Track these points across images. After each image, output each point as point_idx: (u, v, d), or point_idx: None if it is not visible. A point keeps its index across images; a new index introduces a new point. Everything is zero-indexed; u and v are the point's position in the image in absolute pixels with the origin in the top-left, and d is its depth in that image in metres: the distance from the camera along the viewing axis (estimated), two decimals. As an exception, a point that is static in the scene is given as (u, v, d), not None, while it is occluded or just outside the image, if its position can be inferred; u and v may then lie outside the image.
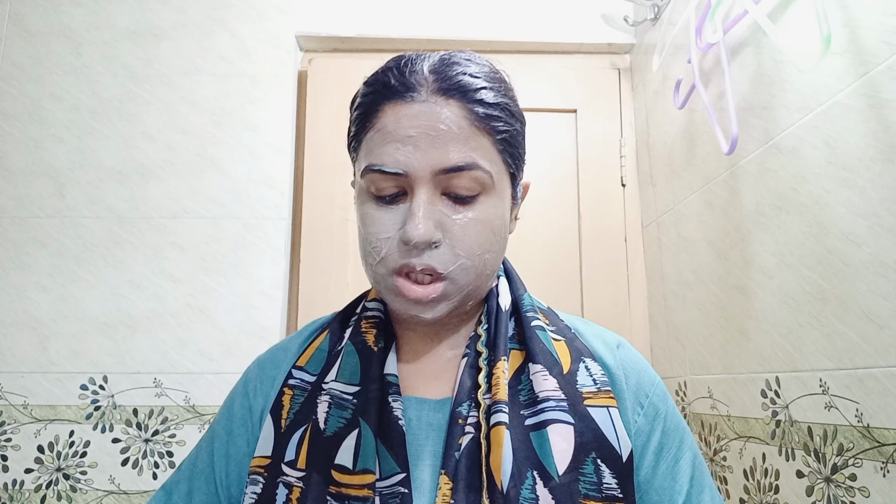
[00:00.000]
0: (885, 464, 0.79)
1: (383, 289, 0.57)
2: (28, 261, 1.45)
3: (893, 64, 0.79)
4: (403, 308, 0.56)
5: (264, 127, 1.54)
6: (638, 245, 1.60)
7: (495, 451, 0.51)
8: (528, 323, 0.61)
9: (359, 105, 0.59)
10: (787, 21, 1.00)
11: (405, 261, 0.54)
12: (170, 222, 1.48)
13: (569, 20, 1.66)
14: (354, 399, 0.56)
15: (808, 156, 0.95)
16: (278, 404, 0.59)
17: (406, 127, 0.54)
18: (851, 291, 0.86)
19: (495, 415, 0.53)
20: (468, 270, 0.56)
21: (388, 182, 0.55)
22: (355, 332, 0.61)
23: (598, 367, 0.60)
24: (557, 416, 0.54)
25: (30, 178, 1.49)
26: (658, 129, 1.52)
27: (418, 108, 0.54)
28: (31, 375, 1.39)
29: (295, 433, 0.56)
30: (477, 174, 0.55)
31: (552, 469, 0.52)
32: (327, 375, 0.59)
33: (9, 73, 1.53)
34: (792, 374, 0.99)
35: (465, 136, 0.54)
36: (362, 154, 0.58)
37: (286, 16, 1.60)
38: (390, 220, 0.55)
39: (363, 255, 0.59)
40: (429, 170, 0.54)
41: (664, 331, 1.47)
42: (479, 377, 0.57)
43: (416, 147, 0.53)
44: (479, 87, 0.56)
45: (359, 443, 0.53)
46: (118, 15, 1.57)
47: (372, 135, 0.56)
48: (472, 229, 0.55)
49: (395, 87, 0.56)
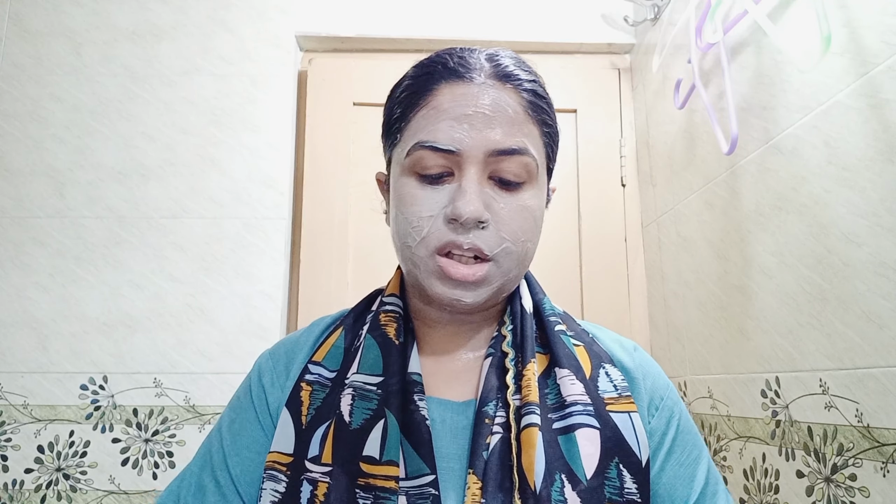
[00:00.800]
0: (885, 464, 0.79)
1: (422, 272, 0.56)
2: (28, 261, 1.45)
3: (893, 64, 0.79)
4: (444, 292, 0.55)
5: (264, 127, 1.54)
6: (638, 245, 1.60)
7: (528, 452, 0.51)
8: (551, 327, 0.61)
9: (408, 86, 0.58)
10: (787, 21, 1.00)
11: (451, 238, 0.53)
12: (170, 222, 1.48)
13: (569, 20, 1.66)
14: (378, 389, 0.55)
15: (808, 156, 0.95)
16: (296, 400, 0.58)
17: (463, 105, 0.54)
18: (851, 291, 0.86)
19: (527, 416, 0.53)
20: (512, 255, 0.55)
21: (437, 160, 0.54)
22: (374, 325, 0.60)
23: (618, 372, 0.60)
24: (585, 420, 0.55)
25: (30, 177, 1.48)
26: (658, 129, 1.52)
27: (476, 89, 0.55)
28: (31, 375, 1.39)
29: (318, 429, 0.55)
30: (527, 160, 0.55)
31: (580, 473, 0.52)
32: (349, 371, 0.57)
33: (9, 73, 1.53)
34: (792, 374, 0.99)
35: (519, 122, 0.56)
36: (409, 133, 0.57)
37: (286, 16, 1.60)
38: (434, 200, 0.54)
39: (400, 237, 0.57)
40: (482, 149, 0.54)
41: (664, 331, 1.47)
42: (506, 378, 0.57)
43: (471, 126, 0.54)
44: (531, 80, 0.59)
45: (385, 433, 0.52)
46: (118, 15, 1.57)
47: (424, 112, 0.56)
48: (518, 215, 0.55)
49: (453, 67, 0.57)
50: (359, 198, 1.56)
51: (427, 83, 0.57)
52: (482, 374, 0.58)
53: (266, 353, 0.66)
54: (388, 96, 0.62)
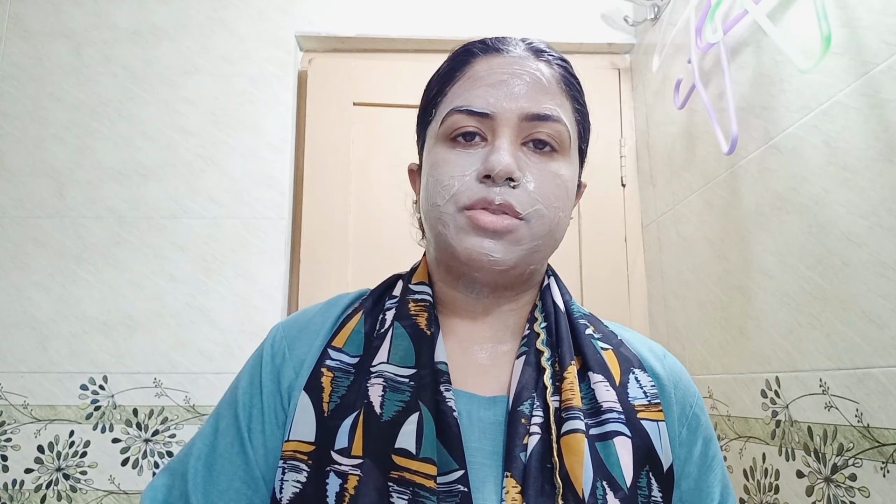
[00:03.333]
0: (884, 464, 0.79)
1: (451, 229, 0.55)
2: (28, 261, 1.45)
3: (893, 64, 0.79)
4: (473, 244, 0.53)
5: (264, 127, 1.54)
6: (638, 245, 1.60)
7: (574, 458, 0.50)
8: (581, 330, 0.60)
9: (445, 66, 0.60)
10: (787, 21, 1.00)
11: (483, 194, 0.53)
12: (170, 222, 1.48)
13: (568, 20, 1.66)
14: (411, 381, 0.53)
15: (808, 156, 0.95)
16: (316, 385, 0.55)
17: (499, 73, 0.56)
18: (851, 291, 0.86)
19: (571, 421, 0.52)
20: (543, 219, 0.55)
21: (471, 123, 0.55)
22: (402, 314, 0.58)
23: (648, 378, 0.59)
24: (620, 428, 0.54)
25: (30, 178, 1.48)
26: (658, 129, 1.52)
27: (513, 59, 0.57)
28: (30, 375, 1.39)
29: (345, 419, 0.52)
30: (560, 128, 0.56)
31: (621, 480, 0.52)
32: (375, 358, 0.55)
33: (9, 73, 1.53)
34: (792, 374, 0.99)
35: (553, 91, 0.57)
36: (444, 105, 0.58)
37: (286, 16, 1.60)
38: (466, 161, 0.55)
39: (429, 200, 0.57)
40: (517, 113, 0.55)
41: (664, 331, 1.47)
42: (544, 377, 0.55)
43: (506, 91, 0.55)
44: (563, 60, 0.62)
45: (420, 428, 0.50)
46: (118, 15, 1.57)
47: (461, 83, 0.57)
48: (551, 179, 0.55)
49: (489, 43, 0.59)
50: (358, 198, 1.56)
51: (465, 57, 0.59)
52: (515, 370, 0.56)
53: (280, 327, 0.63)
54: (426, 87, 0.63)
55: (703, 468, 0.60)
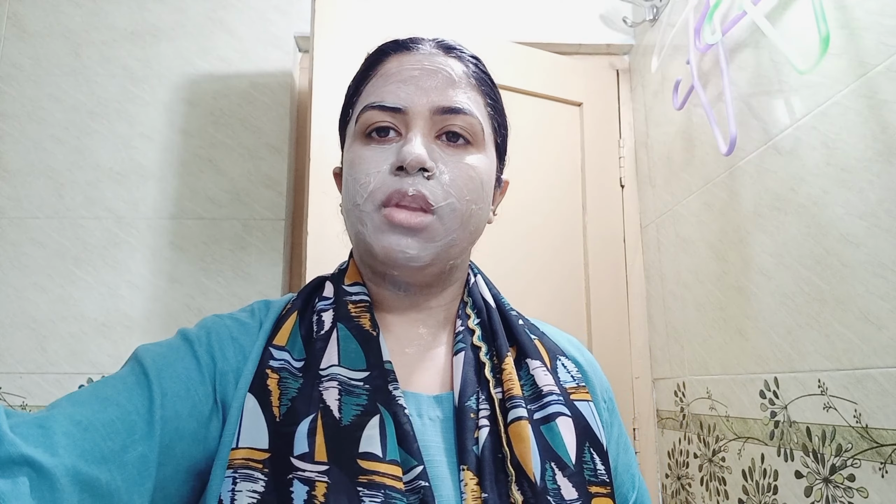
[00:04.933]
0: (883, 464, 0.79)
1: (369, 229, 0.55)
2: (26, 261, 1.44)
3: (892, 65, 0.79)
4: (390, 242, 0.54)
5: (263, 128, 1.54)
6: (637, 246, 1.60)
7: (522, 445, 0.53)
8: (515, 322, 0.62)
9: (361, 67, 0.61)
10: (785, 22, 1.00)
11: (396, 187, 0.54)
12: (168, 223, 1.48)
13: (567, 21, 1.66)
14: (365, 384, 0.53)
15: (806, 157, 0.95)
16: (262, 387, 0.52)
17: (409, 69, 0.57)
18: (850, 292, 0.86)
19: (514, 410, 0.54)
20: (456, 213, 0.55)
21: (385, 118, 0.56)
22: (343, 315, 0.57)
23: (572, 365, 0.63)
24: (560, 409, 0.57)
25: (28, 178, 1.48)
26: (657, 130, 1.52)
27: (422, 56, 0.58)
28: (29, 376, 1.39)
29: (300, 424, 0.50)
30: (472, 120, 0.57)
31: (567, 458, 0.54)
32: (322, 360, 0.54)
33: (7, 73, 1.53)
34: (790, 375, 0.99)
35: (463, 85, 0.58)
36: (359, 102, 0.59)
37: (285, 16, 1.60)
38: (381, 157, 0.55)
39: (349, 202, 0.57)
40: (427, 106, 0.56)
41: (663, 331, 1.47)
42: (485, 372, 0.57)
43: (417, 86, 0.56)
44: (474, 57, 0.62)
45: (383, 431, 0.50)
46: (117, 15, 1.57)
47: (374, 80, 0.59)
48: (464, 171, 0.56)
49: (400, 42, 0.60)
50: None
51: (377, 56, 0.60)
52: (455, 367, 0.58)
53: (214, 318, 0.58)
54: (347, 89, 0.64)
55: (621, 450, 0.65)
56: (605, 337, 1.51)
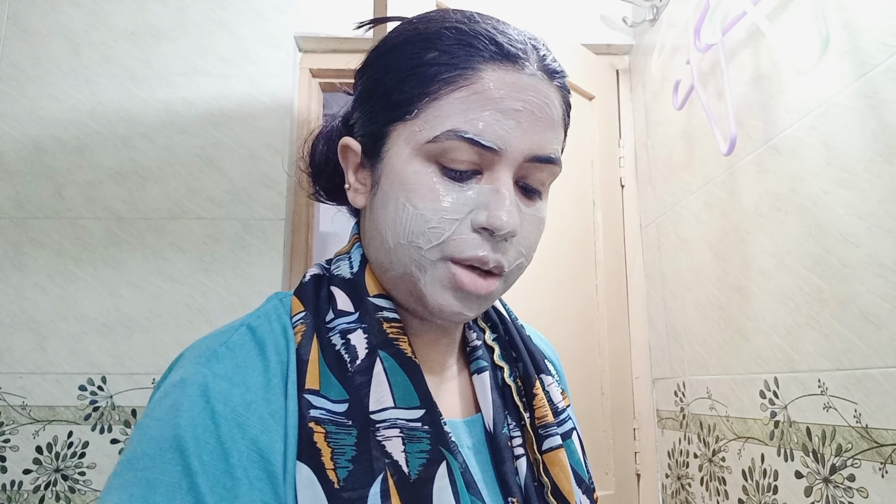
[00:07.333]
0: (883, 464, 0.79)
1: (427, 278, 0.47)
2: (27, 261, 1.44)
3: (892, 65, 0.79)
4: (450, 303, 0.47)
5: (263, 128, 1.54)
6: (637, 246, 1.60)
7: (560, 473, 0.51)
8: (522, 333, 0.60)
9: (437, 56, 0.47)
10: (785, 22, 1.00)
11: (479, 253, 0.46)
12: (168, 223, 1.48)
13: (567, 21, 1.66)
14: (424, 426, 0.45)
15: (806, 157, 0.95)
16: (310, 448, 0.42)
17: (513, 98, 0.46)
18: (850, 292, 0.86)
19: (550, 438, 0.53)
20: (520, 271, 0.50)
21: (471, 155, 0.46)
22: (382, 339, 0.48)
23: (552, 368, 0.61)
24: (572, 423, 0.56)
25: (28, 178, 1.48)
26: (657, 130, 1.52)
27: (528, 81, 0.47)
28: (29, 376, 1.39)
29: (368, 488, 0.42)
30: (556, 170, 0.49)
31: (584, 474, 0.53)
32: (370, 401, 0.45)
33: (8, 73, 1.53)
34: (790, 375, 0.99)
35: (558, 126, 0.49)
36: (436, 113, 0.46)
37: (285, 16, 1.60)
38: (458, 199, 0.46)
39: (407, 235, 0.47)
40: (524, 153, 0.47)
41: (663, 331, 1.47)
42: (513, 395, 0.54)
43: (518, 123, 0.46)
44: (566, 77, 0.51)
45: (452, 479, 0.44)
46: (117, 15, 1.57)
47: (463, 95, 0.46)
48: (537, 228, 0.50)
49: (503, 45, 0.47)
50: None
51: (469, 58, 0.47)
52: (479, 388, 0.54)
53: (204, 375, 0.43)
54: (394, 53, 0.50)
55: None
56: (605, 337, 1.51)
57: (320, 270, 0.55)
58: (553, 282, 1.43)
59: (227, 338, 0.47)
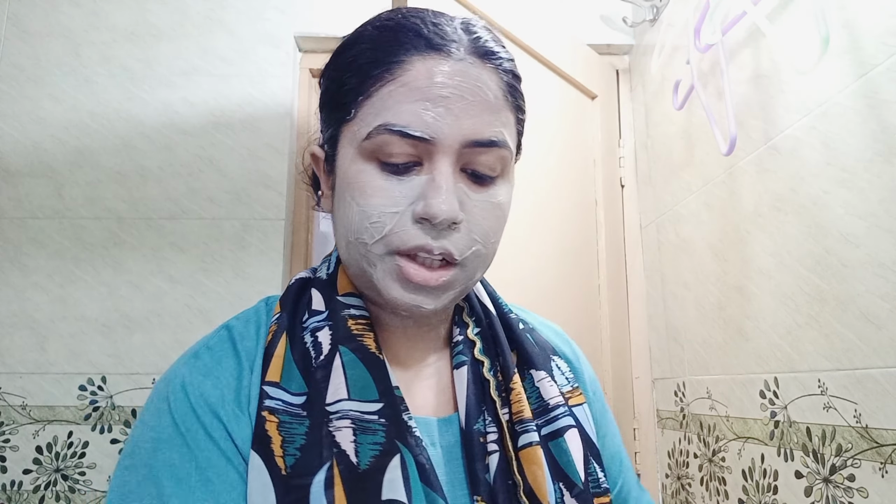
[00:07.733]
0: (883, 464, 0.79)
1: (378, 273, 0.48)
2: (27, 261, 1.44)
3: (892, 65, 0.79)
4: (402, 296, 0.47)
5: (263, 128, 1.54)
6: (637, 246, 1.60)
7: (535, 472, 0.49)
8: (516, 326, 0.58)
9: (367, 51, 0.49)
10: (785, 22, 1.00)
11: (421, 242, 0.46)
12: (168, 223, 1.48)
13: (568, 21, 1.66)
14: (381, 419, 0.46)
15: (806, 157, 0.95)
16: (262, 437, 0.45)
17: (440, 85, 0.46)
18: (850, 292, 0.86)
19: (525, 434, 0.51)
20: (480, 258, 0.50)
21: (405, 147, 0.46)
22: (344, 335, 0.49)
23: (564, 364, 0.60)
24: (568, 421, 0.53)
25: (28, 178, 1.48)
26: (657, 130, 1.52)
27: (455, 66, 0.47)
28: (29, 376, 1.39)
29: (314, 475, 0.43)
30: (504, 153, 0.49)
31: (576, 478, 0.51)
32: (328, 393, 0.46)
33: (7, 73, 1.53)
34: (790, 375, 0.99)
35: (498, 108, 0.49)
36: (369, 110, 0.47)
37: (285, 16, 1.60)
38: (400, 193, 0.47)
39: (353, 232, 0.48)
40: (459, 139, 0.46)
41: (663, 332, 1.47)
42: (490, 390, 0.53)
43: (448, 110, 0.46)
44: (510, 59, 0.51)
45: (405, 472, 0.44)
46: (117, 15, 1.57)
47: (391, 88, 0.47)
48: (491, 213, 0.49)
49: (428, 36, 0.48)
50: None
51: (395, 51, 0.48)
52: (458, 384, 0.53)
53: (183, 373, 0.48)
54: (337, 58, 0.52)
55: (609, 437, 0.62)
56: (605, 337, 1.51)
57: (307, 274, 0.57)
58: (555, 280, 1.42)
59: (208, 339, 0.51)
